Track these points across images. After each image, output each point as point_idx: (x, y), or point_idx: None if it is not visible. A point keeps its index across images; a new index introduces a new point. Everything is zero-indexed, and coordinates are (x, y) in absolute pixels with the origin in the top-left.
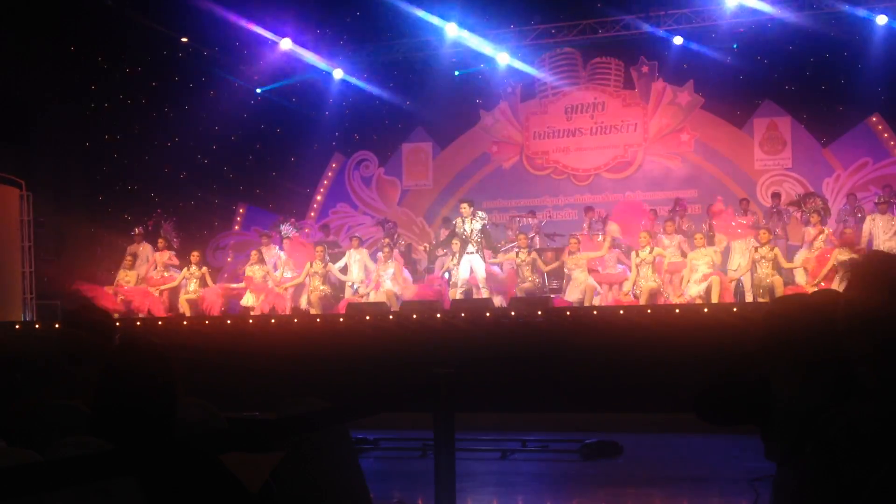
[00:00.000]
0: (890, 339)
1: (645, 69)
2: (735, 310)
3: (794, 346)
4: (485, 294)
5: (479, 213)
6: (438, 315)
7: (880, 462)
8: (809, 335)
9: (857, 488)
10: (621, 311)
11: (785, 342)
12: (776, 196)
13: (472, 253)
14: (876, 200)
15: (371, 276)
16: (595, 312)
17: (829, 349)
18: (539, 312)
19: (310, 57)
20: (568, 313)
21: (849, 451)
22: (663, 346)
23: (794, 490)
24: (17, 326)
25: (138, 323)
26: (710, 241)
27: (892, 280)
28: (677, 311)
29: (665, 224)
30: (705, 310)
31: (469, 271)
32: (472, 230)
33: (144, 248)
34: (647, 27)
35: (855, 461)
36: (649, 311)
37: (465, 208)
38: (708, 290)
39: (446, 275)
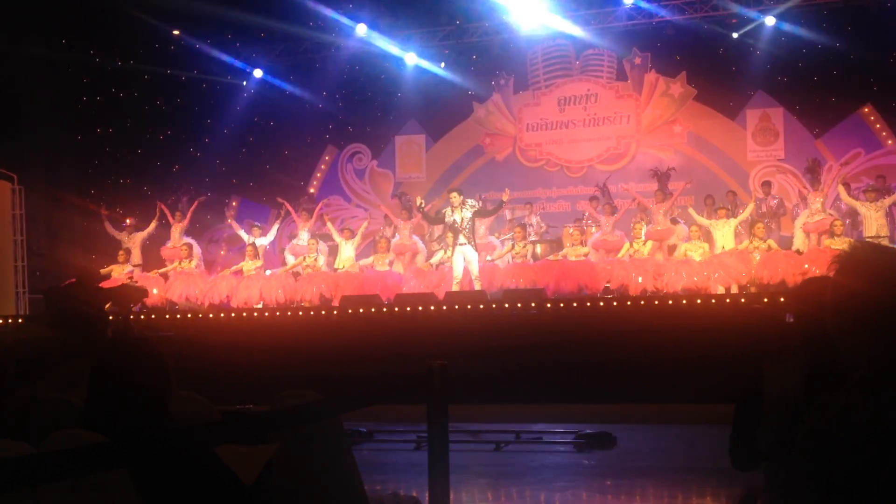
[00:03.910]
0: (873, 322)
1: (637, 60)
2: (728, 300)
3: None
4: (477, 286)
5: (469, 201)
6: (432, 307)
7: (873, 451)
8: (802, 320)
9: (849, 477)
10: (615, 303)
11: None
12: (766, 185)
13: (463, 244)
14: (864, 189)
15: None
16: (588, 304)
17: (819, 333)
18: (533, 304)
19: (303, 49)
20: (562, 305)
21: (841, 440)
22: (657, 337)
23: (785, 480)
24: (10, 321)
25: (131, 316)
26: (707, 237)
27: (876, 268)
28: (670, 301)
29: (655, 194)
30: (698, 300)
31: (462, 263)
32: (462, 219)
33: (133, 238)
34: (639, 18)
35: (847, 450)
36: (642, 302)
37: (455, 197)
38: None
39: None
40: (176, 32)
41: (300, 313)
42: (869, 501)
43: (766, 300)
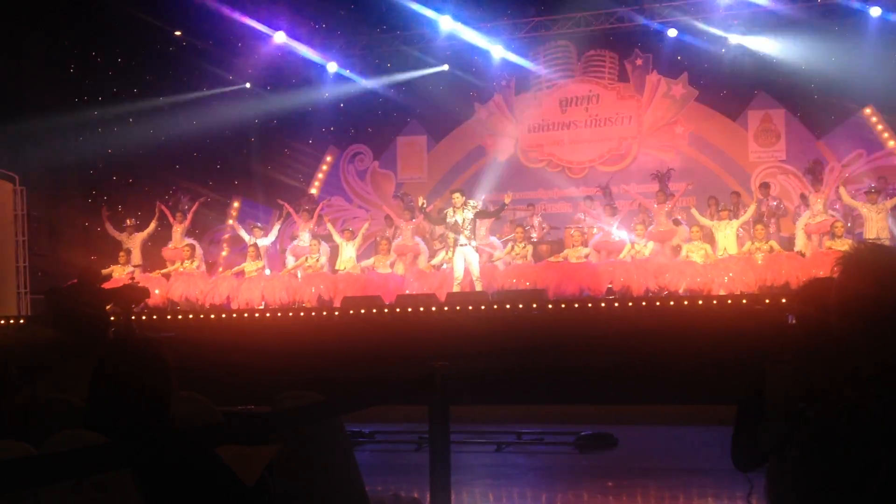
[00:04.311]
0: (878, 323)
1: (639, 62)
2: (729, 301)
3: (801, 330)
4: (478, 287)
5: (471, 201)
6: (433, 308)
7: (880, 446)
8: (804, 321)
9: (856, 473)
10: (616, 304)
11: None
12: (764, 186)
13: (464, 245)
14: (866, 190)
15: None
16: (590, 305)
17: (822, 334)
18: (534, 305)
19: (304, 50)
20: (563, 305)
21: (846, 437)
22: (658, 338)
23: (789, 478)
24: (11, 322)
25: (133, 317)
26: (708, 238)
27: (881, 269)
28: (671, 302)
29: (657, 195)
30: (699, 302)
31: (463, 264)
32: (463, 220)
33: (134, 239)
34: (641, 19)
35: (852, 447)
36: (644, 303)
37: (457, 198)
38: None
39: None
40: (178, 33)
41: (301, 314)
42: (870, 497)
43: (767, 301)
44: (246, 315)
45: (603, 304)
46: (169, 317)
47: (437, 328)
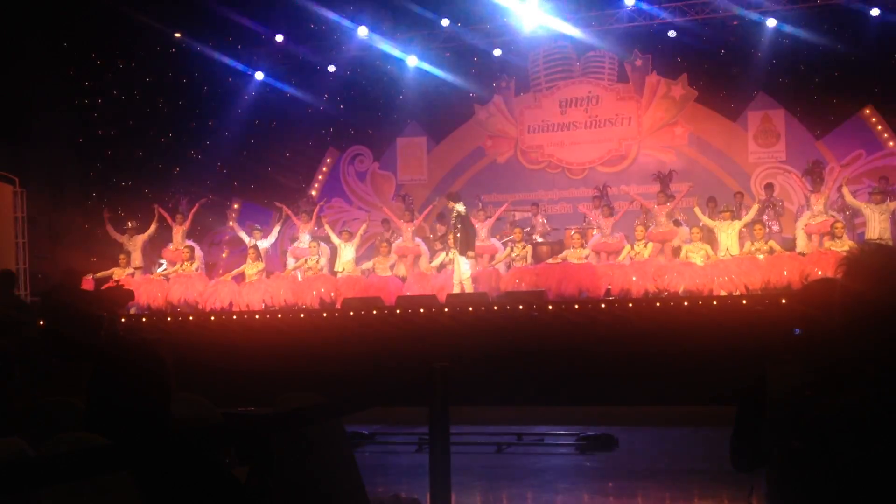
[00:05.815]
0: (881, 324)
1: (639, 62)
2: (729, 302)
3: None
4: (468, 290)
5: (457, 205)
6: (433, 309)
7: (881, 446)
8: (805, 322)
9: (857, 473)
10: (616, 305)
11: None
12: (769, 187)
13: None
14: (870, 191)
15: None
16: (590, 306)
17: (823, 334)
18: (534, 306)
19: (304, 52)
20: (563, 307)
21: (850, 436)
22: (659, 339)
23: (790, 479)
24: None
25: (122, 319)
26: (708, 238)
27: (884, 271)
28: (672, 303)
29: (657, 196)
30: (699, 302)
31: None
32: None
33: (135, 241)
34: (640, 20)
35: (856, 445)
36: (644, 304)
37: (451, 203)
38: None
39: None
40: (177, 35)
41: (302, 315)
42: (871, 497)
43: (767, 302)
44: (247, 316)
45: (603, 306)
46: (169, 318)
47: (438, 329)
